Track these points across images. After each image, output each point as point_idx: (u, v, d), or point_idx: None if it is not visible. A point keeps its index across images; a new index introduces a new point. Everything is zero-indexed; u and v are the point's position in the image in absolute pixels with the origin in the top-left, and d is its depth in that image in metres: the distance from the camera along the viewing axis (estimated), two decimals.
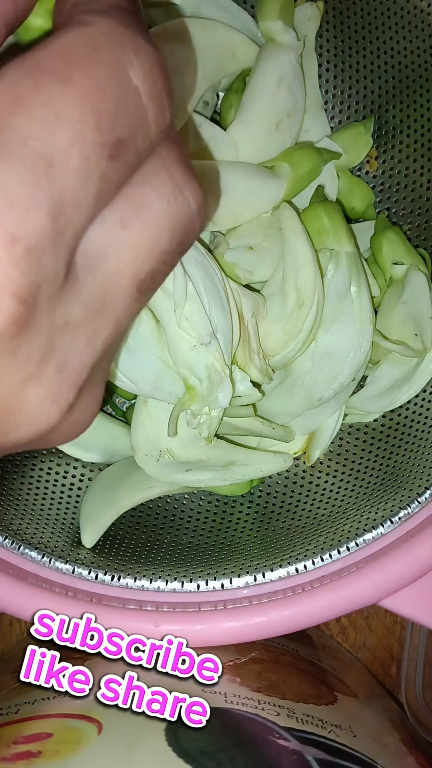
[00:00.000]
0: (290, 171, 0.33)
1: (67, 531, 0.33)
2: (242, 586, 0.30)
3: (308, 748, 0.26)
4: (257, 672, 0.31)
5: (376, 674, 0.44)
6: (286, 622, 0.28)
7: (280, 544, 0.32)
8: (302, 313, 0.30)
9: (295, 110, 0.34)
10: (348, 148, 0.36)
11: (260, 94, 0.33)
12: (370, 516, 0.31)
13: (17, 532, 0.31)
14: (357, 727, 0.29)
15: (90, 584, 0.30)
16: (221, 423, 0.30)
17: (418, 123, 0.35)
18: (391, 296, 0.34)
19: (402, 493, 0.31)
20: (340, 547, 0.30)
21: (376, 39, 0.35)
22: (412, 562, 0.28)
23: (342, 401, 0.33)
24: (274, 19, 0.34)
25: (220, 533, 0.34)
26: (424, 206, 0.36)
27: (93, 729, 0.25)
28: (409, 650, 0.43)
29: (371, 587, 0.28)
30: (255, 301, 0.31)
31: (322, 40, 0.37)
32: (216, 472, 0.32)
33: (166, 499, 0.36)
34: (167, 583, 0.30)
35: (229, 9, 0.36)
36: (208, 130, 0.33)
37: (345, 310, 0.31)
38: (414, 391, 0.34)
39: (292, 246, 0.31)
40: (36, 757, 0.24)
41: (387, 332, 0.33)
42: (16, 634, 0.43)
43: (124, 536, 0.34)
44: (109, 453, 0.36)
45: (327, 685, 0.33)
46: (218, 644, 0.28)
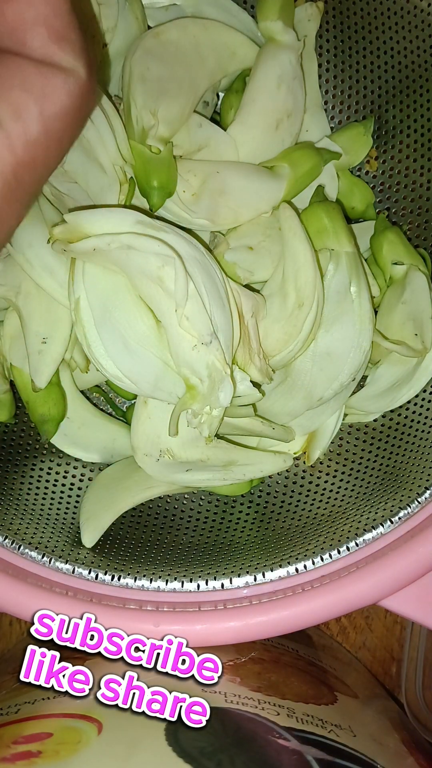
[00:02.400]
0: (290, 171, 0.33)
1: (67, 531, 0.33)
2: (242, 586, 0.30)
3: (308, 748, 0.26)
4: (257, 672, 0.31)
5: (376, 674, 0.44)
6: (286, 622, 0.28)
7: (280, 544, 0.32)
8: (302, 314, 0.30)
9: (295, 110, 0.34)
10: (348, 148, 0.36)
11: (260, 94, 0.33)
12: (370, 516, 0.31)
13: (17, 532, 0.31)
14: (357, 727, 0.29)
15: (90, 584, 0.30)
16: (221, 423, 0.30)
17: (418, 123, 0.35)
18: (391, 296, 0.34)
19: (402, 493, 0.31)
20: (340, 547, 0.30)
21: (376, 39, 0.35)
22: (412, 562, 0.28)
23: (342, 401, 0.33)
24: (274, 19, 0.34)
25: (220, 533, 0.34)
26: (424, 206, 0.36)
27: (93, 729, 0.25)
28: (409, 650, 0.43)
29: (371, 587, 0.28)
30: (255, 301, 0.31)
31: (322, 40, 0.37)
32: (216, 472, 0.32)
33: (166, 499, 0.36)
34: (167, 582, 0.30)
35: (229, 9, 0.36)
36: (208, 130, 0.33)
37: (345, 310, 0.31)
38: (414, 391, 0.34)
39: (291, 246, 0.31)
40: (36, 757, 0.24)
41: (387, 332, 0.33)
42: (16, 634, 0.43)
43: (124, 536, 0.34)
44: (109, 453, 0.36)
45: (327, 685, 0.33)
46: (218, 644, 0.28)
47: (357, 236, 0.34)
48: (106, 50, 0.34)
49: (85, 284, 0.29)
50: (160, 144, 0.30)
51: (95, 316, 0.29)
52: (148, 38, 0.32)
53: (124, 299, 0.29)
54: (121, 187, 0.31)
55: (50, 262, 0.30)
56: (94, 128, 0.30)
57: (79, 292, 0.29)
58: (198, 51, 0.33)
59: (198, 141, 0.33)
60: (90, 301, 0.29)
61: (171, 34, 0.33)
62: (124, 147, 0.31)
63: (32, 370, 0.32)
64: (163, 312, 0.28)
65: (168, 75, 0.32)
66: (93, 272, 0.29)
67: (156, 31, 0.32)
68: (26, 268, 0.31)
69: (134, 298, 0.29)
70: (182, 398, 0.28)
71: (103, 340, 0.29)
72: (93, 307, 0.29)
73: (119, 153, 0.31)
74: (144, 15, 0.35)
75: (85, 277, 0.29)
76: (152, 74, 0.31)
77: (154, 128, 0.30)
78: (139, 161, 0.31)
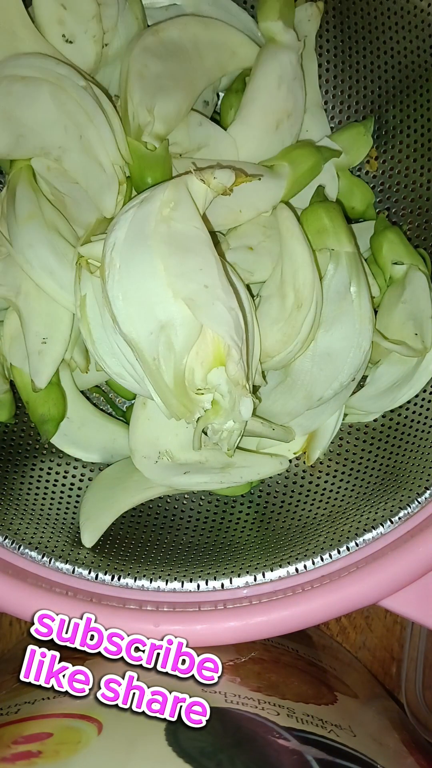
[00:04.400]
0: (290, 169, 0.33)
1: (67, 531, 0.33)
2: (242, 586, 0.30)
3: (308, 748, 0.26)
4: (257, 672, 0.31)
5: (376, 674, 0.44)
6: (286, 622, 0.28)
7: (280, 544, 0.32)
8: (301, 314, 0.30)
9: (295, 110, 0.34)
10: (348, 148, 0.36)
11: (261, 94, 0.33)
12: (370, 516, 0.31)
13: (17, 532, 0.31)
14: (357, 727, 0.29)
15: (90, 584, 0.30)
16: (242, 436, 0.30)
17: (418, 123, 0.35)
18: (391, 296, 0.34)
19: (402, 493, 0.31)
20: (340, 547, 0.30)
21: (376, 39, 0.35)
22: (412, 562, 0.28)
23: (342, 401, 0.33)
24: (274, 20, 0.34)
25: (220, 533, 0.34)
26: (424, 206, 0.36)
27: (93, 729, 0.25)
28: (409, 650, 0.43)
29: (371, 587, 0.28)
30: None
31: (322, 40, 0.37)
32: (214, 475, 0.32)
33: (166, 499, 0.36)
34: (167, 582, 0.30)
35: (229, 9, 0.36)
36: (209, 129, 0.33)
37: (345, 310, 0.31)
38: (414, 391, 0.34)
39: (289, 247, 0.31)
40: (36, 757, 0.24)
41: (387, 332, 0.33)
42: (16, 634, 0.43)
43: (124, 536, 0.34)
44: (109, 453, 0.36)
45: (327, 685, 0.33)
46: (218, 644, 0.28)
47: (357, 236, 0.34)
48: (106, 50, 0.34)
49: (92, 282, 0.29)
50: (155, 141, 0.30)
51: (101, 314, 0.29)
52: (148, 36, 0.32)
53: None
54: (120, 187, 0.31)
55: (50, 262, 0.30)
56: (93, 127, 0.30)
57: (85, 289, 0.29)
58: (197, 49, 0.33)
59: (198, 140, 0.33)
60: (96, 299, 0.29)
61: (171, 32, 0.33)
62: (124, 146, 0.31)
63: (32, 371, 0.32)
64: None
65: (166, 72, 0.32)
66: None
67: (155, 29, 0.32)
68: (26, 268, 0.31)
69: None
70: (205, 413, 0.28)
71: (108, 338, 0.29)
72: (99, 305, 0.29)
73: (119, 152, 0.31)
74: (144, 15, 0.35)
75: (92, 275, 0.29)
76: (150, 71, 0.31)
77: (150, 125, 0.30)
78: (135, 158, 0.31)
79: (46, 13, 0.32)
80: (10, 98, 0.31)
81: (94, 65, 0.33)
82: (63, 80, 0.31)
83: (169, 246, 0.27)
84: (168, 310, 0.27)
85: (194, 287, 0.27)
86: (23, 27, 0.32)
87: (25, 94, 0.31)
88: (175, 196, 0.27)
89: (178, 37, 0.33)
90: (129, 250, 0.27)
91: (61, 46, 0.32)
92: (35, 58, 0.31)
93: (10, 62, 0.31)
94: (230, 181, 0.28)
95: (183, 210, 0.27)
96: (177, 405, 0.27)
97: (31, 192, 0.32)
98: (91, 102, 0.31)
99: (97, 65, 0.34)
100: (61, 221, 0.32)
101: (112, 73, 0.35)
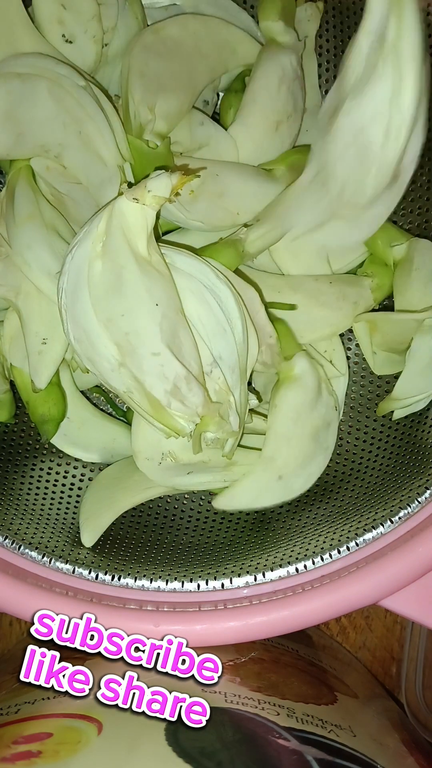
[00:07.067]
0: (288, 174, 0.33)
1: (67, 531, 0.33)
2: (242, 586, 0.30)
3: (308, 748, 0.26)
4: (257, 672, 0.31)
5: (376, 674, 0.43)
6: (286, 622, 0.28)
7: (280, 544, 0.32)
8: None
9: (295, 111, 0.34)
10: None
11: (261, 95, 0.33)
12: (370, 516, 0.31)
13: (17, 532, 0.31)
14: (357, 727, 0.29)
15: (90, 584, 0.30)
16: (238, 442, 0.30)
17: None
18: (401, 274, 0.33)
19: (402, 493, 0.31)
20: (340, 547, 0.30)
21: None
22: (412, 562, 0.28)
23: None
24: (275, 20, 0.34)
25: (220, 533, 0.34)
26: (424, 206, 0.36)
27: (93, 729, 0.25)
28: (409, 650, 0.43)
29: (371, 587, 0.28)
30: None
31: (322, 40, 0.37)
32: (216, 474, 0.32)
33: (166, 499, 0.36)
34: (167, 582, 0.30)
35: (229, 9, 0.36)
36: (210, 128, 0.33)
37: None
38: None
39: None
40: (36, 757, 0.24)
41: (412, 307, 0.32)
42: (16, 634, 0.43)
43: (124, 536, 0.34)
44: (109, 453, 0.36)
45: (327, 685, 0.33)
46: (218, 644, 0.28)
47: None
48: (106, 50, 0.34)
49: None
50: (157, 139, 0.30)
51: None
52: (148, 34, 0.32)
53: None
54: (121, 185, 0.31)
55: (49, 263, 0.30)
56: (93, 123, 0.30)
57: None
58: (198, 47, 0.33)
59: (199, 139, 0.33)
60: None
61: (171, 30, 0.33)
62: (124, 146, 0.31)
63: (32, 371, 0.32)
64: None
65: (167, 71, 0.32)
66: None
67: (156, 27, 0.32)
68: (25, 270, 0.31)
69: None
70: (200, 423, 0.28)
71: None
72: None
73: (119, 152, 0.31)
74: (144, 15, 0.35)
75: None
76: (151, 70, 0.31)
77: (151, 123, 0.30)
78: (136, 156, 0.31)
79: (46, 13, 0.32)
80: (9, 97, 0.31)
81: (94, 65, 0.33)
82: (62, 80, 0.31)
83: (99, 287, 0.27)
84: (114, 352, 0.27)
85: (117, 333, 0.27)
86: (23, 27, 0.32)
87: (23, 92, 0.31)
88: (106, 228, 0.27)
89: (178, 35, 0.33)
90: (72, 293, 0.27)
91: (60, 46, 0.32)
92: (35, 57, 0.31)
93: (10, 62, 0.31)
94: (167, 188, 0.26)
95: (112, 244, 0.27)
96: (163, 426, 0.28)
97: (30, 192, 0.32)
98: (90, 102, 0.31)
99: (97, 65, 0.34)
100: (61, 222, 0.32)
101: (112, 73, 0.35)
